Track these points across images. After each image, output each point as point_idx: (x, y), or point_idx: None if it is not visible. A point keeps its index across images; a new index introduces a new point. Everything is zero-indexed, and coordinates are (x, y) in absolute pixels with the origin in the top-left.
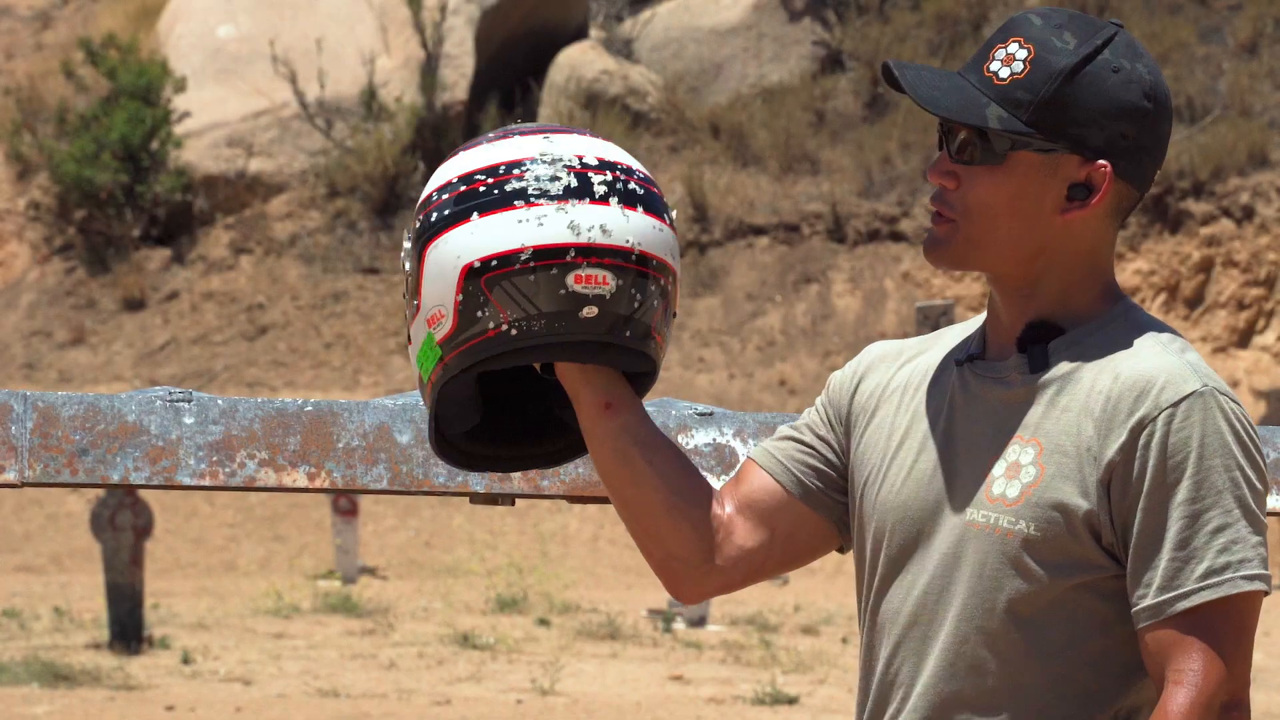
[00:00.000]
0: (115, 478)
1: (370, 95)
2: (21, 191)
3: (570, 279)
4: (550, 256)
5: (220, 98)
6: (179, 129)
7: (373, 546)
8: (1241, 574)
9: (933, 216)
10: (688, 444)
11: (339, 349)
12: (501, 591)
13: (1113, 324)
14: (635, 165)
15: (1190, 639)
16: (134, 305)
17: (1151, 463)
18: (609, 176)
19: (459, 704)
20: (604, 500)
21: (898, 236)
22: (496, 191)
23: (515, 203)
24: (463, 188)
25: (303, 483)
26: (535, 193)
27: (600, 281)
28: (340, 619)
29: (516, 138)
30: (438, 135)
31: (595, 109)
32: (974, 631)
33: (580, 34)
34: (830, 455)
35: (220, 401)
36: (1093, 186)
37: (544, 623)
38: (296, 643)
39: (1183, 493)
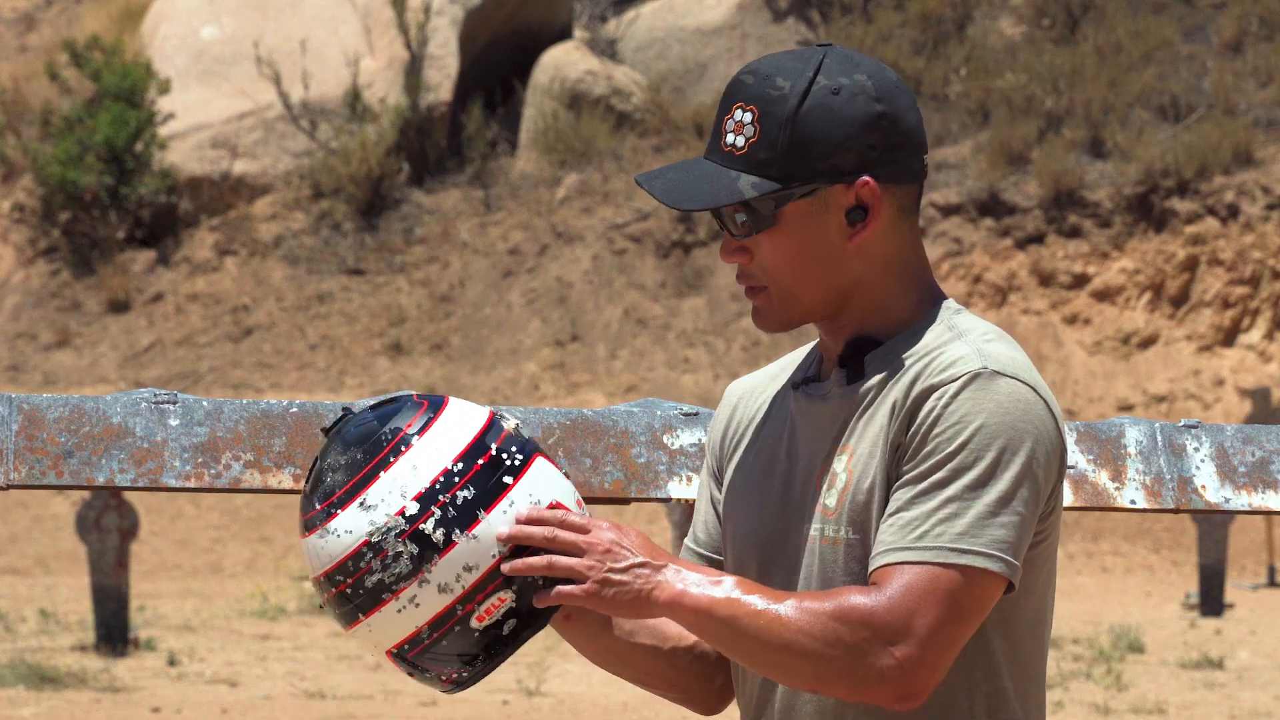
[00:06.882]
0: (100, 480)
1: (354, 96)
2: (6, 194)
3: (473, 623)
4: (444, 623)
5: (204, 99)
6: (163, 131)
7: None
8: (980, 552)
9: (746, 291)
10: (673, 444)
11: (324, 350)
12: None
13: (928, 329)
14: (450, 461)
15: (905, 585)
16: (119, 307)
17: (924, 433)
18: (437, 512)
19: (445, 705)
20: (590, 501)
21: None
22: (362, 591)
23: (384, 597)
24: (332, 590)
25: (288, 484)
26: (392, 580)
27: (499, 604)
28: (326, 620)
29: (340, 515)
30: (422, 136)
31: (579, 110)
32: None
33: (564, 34)
34: None
35: (205, 403)
36: (865, 205)
37: None
38: (282, 644)
39: (956, 460)
